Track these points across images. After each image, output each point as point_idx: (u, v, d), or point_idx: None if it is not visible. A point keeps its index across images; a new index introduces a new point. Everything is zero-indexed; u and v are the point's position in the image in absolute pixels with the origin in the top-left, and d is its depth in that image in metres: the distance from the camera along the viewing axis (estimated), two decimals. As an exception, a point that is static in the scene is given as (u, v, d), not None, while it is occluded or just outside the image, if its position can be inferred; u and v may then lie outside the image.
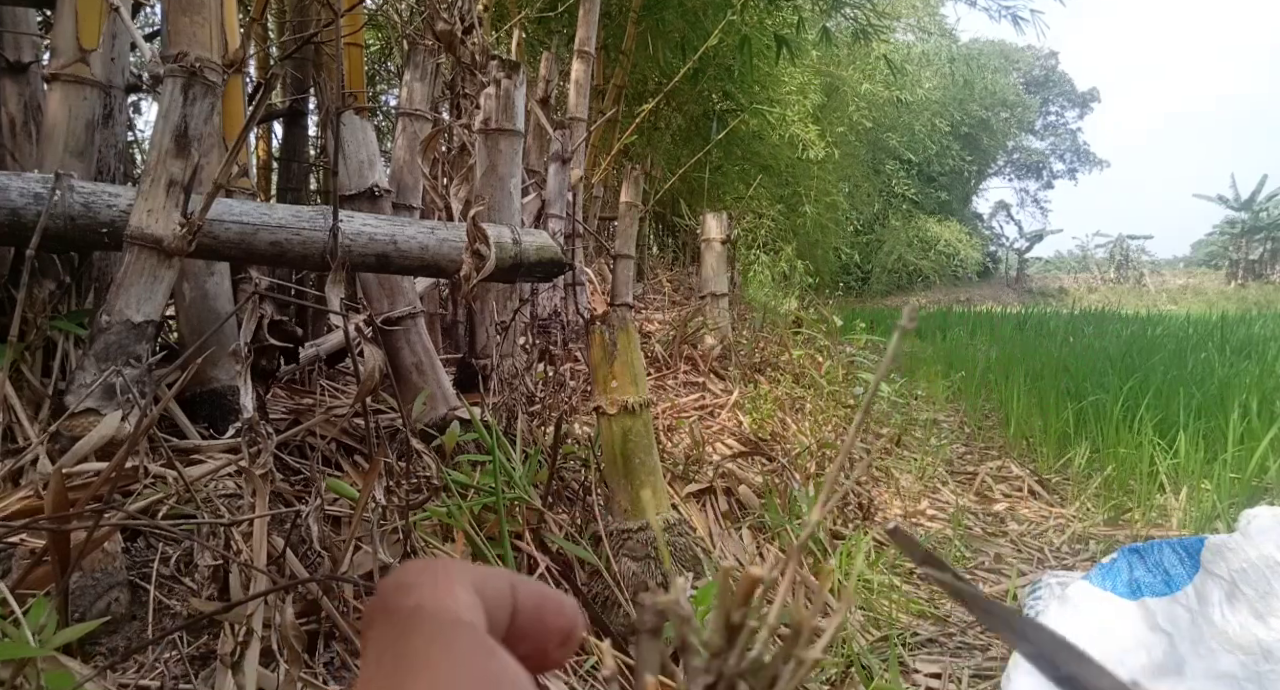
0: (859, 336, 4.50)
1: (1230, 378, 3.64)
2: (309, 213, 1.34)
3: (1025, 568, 2.08)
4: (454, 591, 0.21)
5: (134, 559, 1.01)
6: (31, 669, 0.70)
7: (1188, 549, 1.38)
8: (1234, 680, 1.19)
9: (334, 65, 1.99)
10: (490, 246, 1.46)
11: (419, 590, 0.20)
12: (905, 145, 16.01)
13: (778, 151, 6.16)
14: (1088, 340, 6.21)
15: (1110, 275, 28.14)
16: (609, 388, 1.42)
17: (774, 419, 2.70)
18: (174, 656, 0.91)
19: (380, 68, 3.91)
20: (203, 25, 1.10)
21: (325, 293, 1.18)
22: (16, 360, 1.14)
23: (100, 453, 1.00)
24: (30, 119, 1.37)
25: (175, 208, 1.10)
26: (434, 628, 0.19)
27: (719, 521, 1.88)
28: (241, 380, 1.04)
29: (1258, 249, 24.16)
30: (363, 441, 1.45)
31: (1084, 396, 3.44)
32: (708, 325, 3.46)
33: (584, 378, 2.31)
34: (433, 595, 0.20)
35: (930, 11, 13.04)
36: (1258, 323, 8.13)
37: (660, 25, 4.37)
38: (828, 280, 12.29)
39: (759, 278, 6.74)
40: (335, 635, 1.01)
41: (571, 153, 2.71)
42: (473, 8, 1.87)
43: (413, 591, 0.20)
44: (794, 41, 4.80)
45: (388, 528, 1.16)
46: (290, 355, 1.56)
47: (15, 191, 1.09)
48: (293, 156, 2.35)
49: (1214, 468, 2.47)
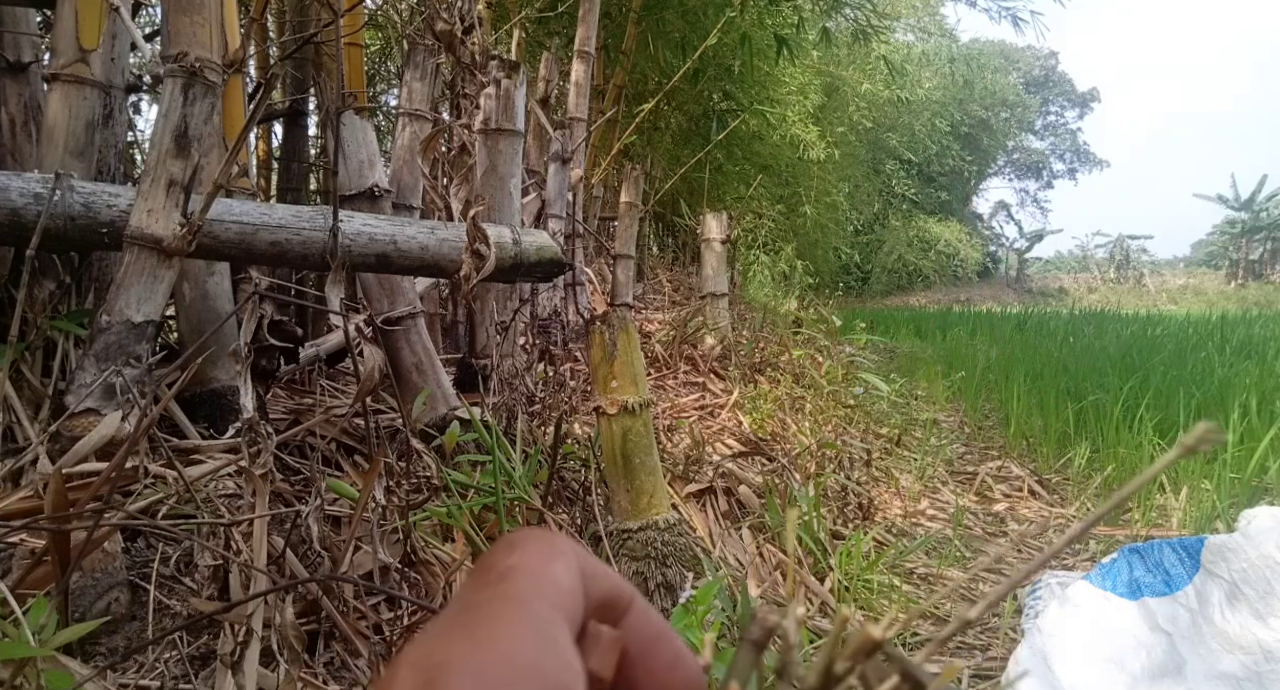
0: (859, 336, 4.50)
1: (1230, 378, 3.64)
2: (309, 213, 1.34)
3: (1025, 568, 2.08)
4: (558, 572, 0.20)
5: (134, 559, 1.01)
6: (31, 669, 0.70)
7: (1188, 549, 1.38)
8: (1234, 680, 1.19)
9: (334, 65, 1.99)
10: (490, 246, 1.46)
11: (525, 554, 0.20)
12: (905, 145, 16.02)
13: (778, 151, 6.16)
14: (1088, 340, 6.21)
15: (1110, 275, 28.16)
16: (609, 388, 1.42)
17: (774, 419, 2.70)
18: (174, 656, 0.91)
19: (380, 68, 3.91)
20: (203, 25, 1.10)
21: (325, 293, 1.18)
22: (16, 360, 1.14)
23: (100, 453, 1.00)
24: (30, 119, 1.37)
25: (175, 208, 1.10)
26: (514, 596, 0.18)
27: (719, 521, 1.88)
28: (241, 380, 1.04)
29: (1258, 249, 24.17)
30: (363, 441, 1.45)
31: (1084, 396, 3.44)
32: (708, 325, 3.46)
33: (584, 378, 2.31)
34: (535, 564, 0.19)
35: (930, 11, 13.04)
36: (1258, 323, 8.14)
37: (660, 25, 4.37)
38: (828, 280, 12.30)
39: (759, 278, 6.74)
40: (335, 635, 1.01)
41: (571, 153, 2.71)
42: (473, 8, 1.87)
43: (518, 552, 0.20)
44: (794, 41, 4.80)
45: (388, 528, 1.16)
46: (290, 355, 1.56)
47: (15, 191, 1.09)
48: (293, 156, 2.35)
49: (1214, 468, 2.47)
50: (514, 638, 0.17)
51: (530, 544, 0.20)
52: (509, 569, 0.19)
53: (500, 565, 0.19)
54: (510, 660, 0.16)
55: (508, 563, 0.19)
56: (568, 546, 0.21)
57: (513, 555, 0.20)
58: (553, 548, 0.20)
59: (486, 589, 0.19)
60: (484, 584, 0.19)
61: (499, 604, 0.18)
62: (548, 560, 0.20)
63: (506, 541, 0.21)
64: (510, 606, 0.18)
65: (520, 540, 0.21)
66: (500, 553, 0.20)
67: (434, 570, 1.17)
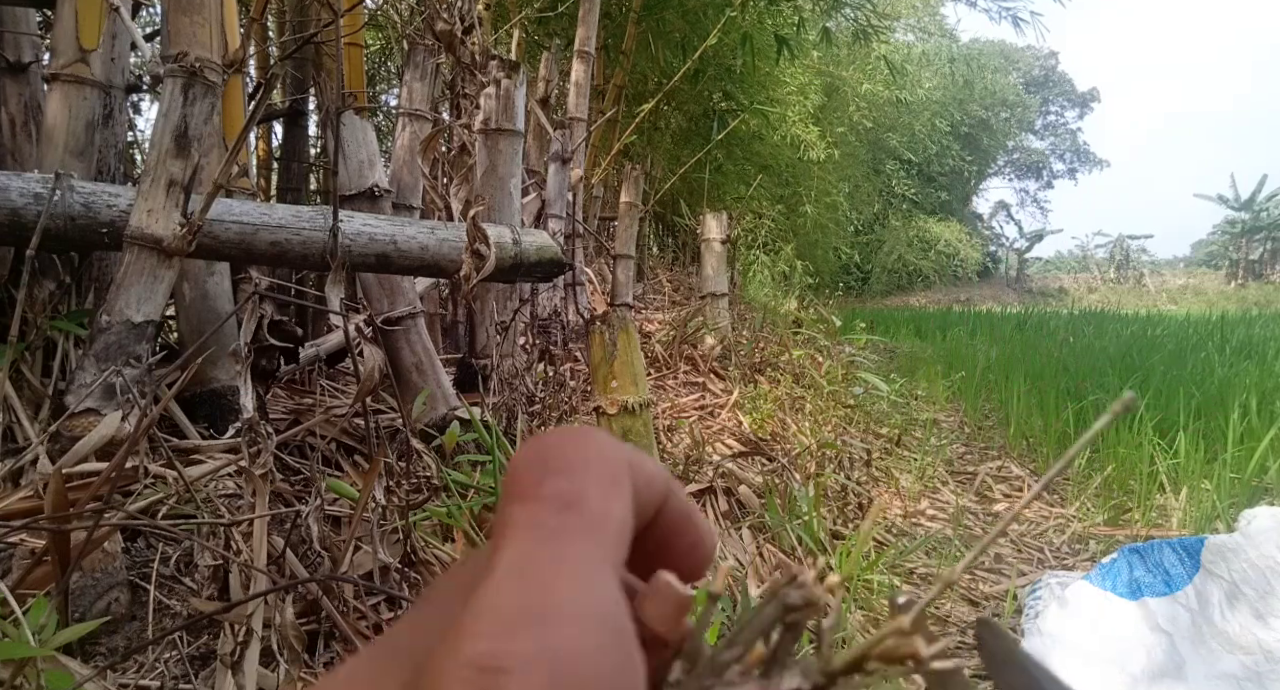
0: (859, 336, 4.50)
1: (1230, 378, 3.64)
2: (309, 213, 1.34)
3: (1025, 568, 2.08)
4: (620, 511, 0.17)
5: (134, 559, 1.01)
6: (31, 669, 0.70)
7: (1188, 549, 1.38)
8: (1234, 680, 1.19)
9: (334, 65, 1.99)
10: (490, 246, 1.46)
11: (586, 480, 0.17)
12: (905, 145, 16.03)
13: (778, 151, 6.16)
14: (1088, 340, 6.21)
15: (1110, 275, 28.17)
16: (609, 388, 1.42)
17: (774, 419, 2.70)
18: (174, 656, 0.91)
19: (380, 68, 3.91)
20: (203, 25, 1.10)
21: (325, 293, 1.18)
22: (16, 360, 1.14)
23: (100, 453, 1.00)
24: (30, 119, 1.37)
25: (175, 208, 1.10)
26: (584, 559, 0.16)
27: (719, 521, 1.88)
28: (241, 380, 1.04)
29: (1258, 249, 24.18)
30: (363, 441, 1.45)
31: (1084, 396, 3.44)
32: (708, 325, 3.46)
33: (584, 378, 2.31)
34: (598, 499, 0.17)
35: (930, 12, 13.05)
36: (1258, 323, 8.13)
37: (660, 25, 4.37)
38: (828, 280, 12.30)
39: (759, 278, 6.74)
40: (335, 635, 1.01)
41: (571, 153, 2.71)
42: (473, 8, 1.87)
43: (579, 477, 0.17)
44: (794, 41, 4.80)
45: (388, 528, 1.16)
46: (290, 355, 1.56)
47: (15, 191, 1.09)
48: (293, 156, 2.35)
49: (1214, 468, 2.47)
50: (590, 631, 0.15)
51: (591, 467, 0.17)
52: (570, 501, 0.16)
53: (559, 490, 0.17)
54: (585, 658, 0.14)
55: (567, 488, 0.17)
56: (623, 460, 0.18)
57: (573, 479, 0.17)
58: (614, 471, 0.18)
59: (545, 530, 0.16)
60: (541, 516, 0.16)
61: (568, 570, 0.15)
62: (610, 491, 0.17)
63: (558, 450, 0.17)
64: (582, 577, 0.15)
65: (576, 456, 0.17)
66: (555, 465, 0.17)
67: (434, 570, 1.17)
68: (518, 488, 0.17)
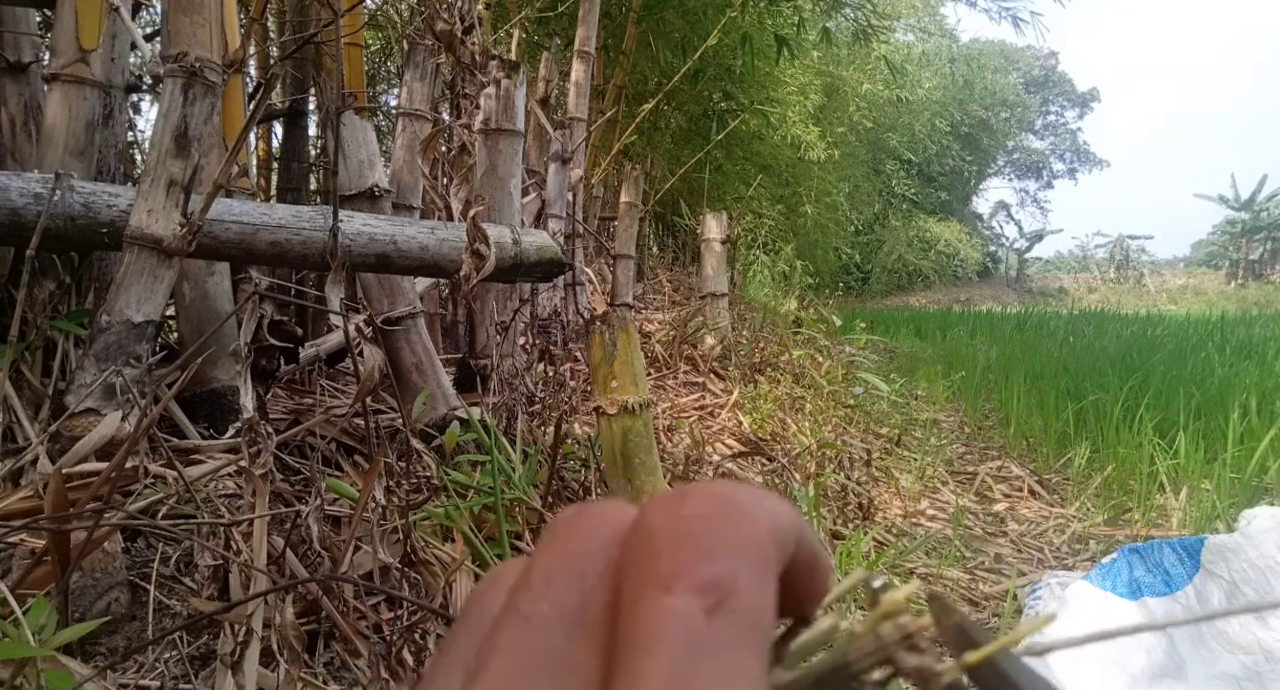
0: (859, 336, 4.50)
1: (1230, 378, 3.64)
2: (309, 213, 1.34)
3: (1025, 568, 2.08)
4: (770, 597, 0.15)
5: (134, 559, 1.01)
6: (31, 669, 0.70)
7: (1188, 549, 1.38)
8: (1234, 680, 1.19)
9: (334, 65, 1.99)
10: (490, 246, 1.46)
11: (745, 564, 0.15)
12: (905, 145, 16.04)
13: (778, 152, 6.16)
14: (1088, 340, 6.21)
15: (1110, 275, 28.17)
16: (609, 388, 1.41)
17: (774, 419, 2.70)
18: (174, 656, 0.91)
19: (380, 68, 3.91)
20: (203, 25, 1.10)
21: (325, 293, 1.18)
22: (16, 360, 1.14)
23: (100, 453, 1.00)
24: (30, 119, 1.37)
25: (175, 208, 1.10)
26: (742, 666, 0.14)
27: (719, 521, 1.88)
28: (241, 380, 1.04)
29: (1258, 249, 24.18)
30: (363, 441, 1.45)
31: (1084, 396, 3.44)
32: (708, 325, 3.46)
33: (584, 378, 2.31)
34: (755, 592, 0.15)
35: (930, 12, 13.05)
36: (1258, 323, 8.13)
37: (660, 25, 4.37)
38: (828, 280, 12.30)
39: (759, 278, 6.74)
40: (335, 635, 1.01)
41: (571, 153, 2.71)
42: (473, 8, 1.87)
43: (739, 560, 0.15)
44: (794, 41, 4.80)
45: (388, 528, 1.16)
46: (290, 355, 1.56)
47: (15, 191, 1.09)
48: (293, 156, 2.35)
49: (1214, 468, 2.47)
50: None
51: (743, 547, 0.15)
52: (722, 597, 0.14)
53: (709, 581, 0.15)
54: None
55: (717, 577, 0.15)
56: (770, 529, 0.16)
57: (721, 564, 0.15)
58: (764, 550, 0.16)
59: (700, 642, 0.14)
60: (692, 619, 0.14)
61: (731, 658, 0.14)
62: (761, 577, 0.15)
63: (703, 523, 0.15)
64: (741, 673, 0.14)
65: (724, 533, 0.15)
66: (702, 545, 0.15)
67: (434, 570, 1.17)
68: (657, 568, 0.15)
